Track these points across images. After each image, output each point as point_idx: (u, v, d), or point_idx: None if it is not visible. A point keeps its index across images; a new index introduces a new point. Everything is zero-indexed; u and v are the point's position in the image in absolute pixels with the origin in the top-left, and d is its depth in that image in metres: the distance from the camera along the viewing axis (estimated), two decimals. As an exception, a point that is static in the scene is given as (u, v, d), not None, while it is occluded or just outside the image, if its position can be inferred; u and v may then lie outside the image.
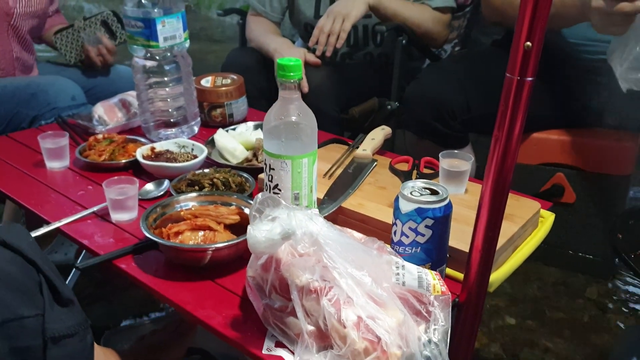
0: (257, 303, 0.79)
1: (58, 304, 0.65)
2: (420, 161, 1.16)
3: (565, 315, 1.60)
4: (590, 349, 1.46)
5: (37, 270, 0.64)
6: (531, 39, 0.67)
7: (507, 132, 0.73)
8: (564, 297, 1.67)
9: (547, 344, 1.49)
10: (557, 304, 1.64)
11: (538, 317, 1.59)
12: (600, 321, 1.57)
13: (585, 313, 1.60)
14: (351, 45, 1.89)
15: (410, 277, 0.76)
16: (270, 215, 0.72)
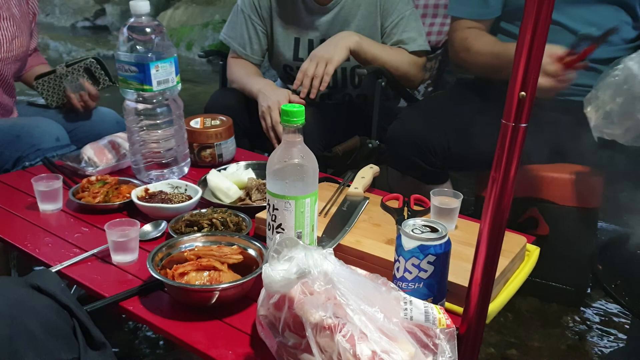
0: (269, 341, 0.82)
1: (91, 347, 0.67)
2: (410, 198, 1.22)
3: (543, 344, 1.66)
4: (571, 376, 1.53)
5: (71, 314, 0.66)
6: (525, 89, 0.74)
7: (503, 173, 0.78)
8: (541, 326, 1.74)
9: (529, 372, 1.55)
10: (535, 333, 1.70)
11: (517, 347, 1.64)
12: (578, 348, 1.64)
13: (562, 341, 1.67)
14: (331, 87, 1.96)
15: (417, 312, 0.80)
16: (287, 255, 0.75)
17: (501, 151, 0.78)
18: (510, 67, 0.74)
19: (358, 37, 1.74)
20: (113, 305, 0.94)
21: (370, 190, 1.31)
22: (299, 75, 1.73)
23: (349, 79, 1.94)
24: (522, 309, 1.81)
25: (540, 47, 0.72)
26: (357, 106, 1.97)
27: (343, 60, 1.72)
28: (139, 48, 1.32)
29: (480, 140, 1.51)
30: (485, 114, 1.57)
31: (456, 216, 1.12)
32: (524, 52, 0.71)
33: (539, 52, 0.72)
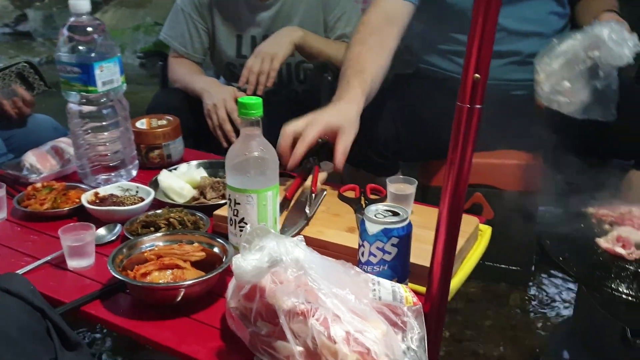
0: (242, 332, 0.82)
1: (67, 348, 0.65)
2: (366, 188, 1.24)
3: (495, 323, 1.73)
4: (523, 351, 1.60)
5: (44, 316, 0.64)
6: (479, 71, 0.77)
7: (460, 154, 0.82)
8: (491, 306, 1.81)
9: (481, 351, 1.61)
10: (485, 313, 1.77)
11: (470, 328, 1.71)
12: (528, 324, 1.72)
13: (512, 318, 1.75)
14: (276, 83, 1.96)
15: (385, 292, 0.82)
16: (258, 245, 0.76)
17: (457, 133, 0.81)
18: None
19: (302, 32, 1.75)
20: (74, 310, 0.91)
21: (327, 183, 1.33)
22: (244, 72, 1.73)
23: (294, 75, 1.95)
24: (473, 291, 1.88)
25: (491, 30, 0.75)
26: (304, 102, 1.98)
27: (288, 55, 1.73)
28: (81, 48, 1.28)
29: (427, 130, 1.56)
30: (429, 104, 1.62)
31: (412, 201, 1.15)
32: (476, 35, 0.75)
33: (490, 35, 0.75)
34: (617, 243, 1.11)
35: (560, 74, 1.43)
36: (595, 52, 1.41)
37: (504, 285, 1.90)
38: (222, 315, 0.90)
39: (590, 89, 1.44)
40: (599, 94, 1.47)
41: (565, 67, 1.43)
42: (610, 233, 1.14)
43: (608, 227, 1.18)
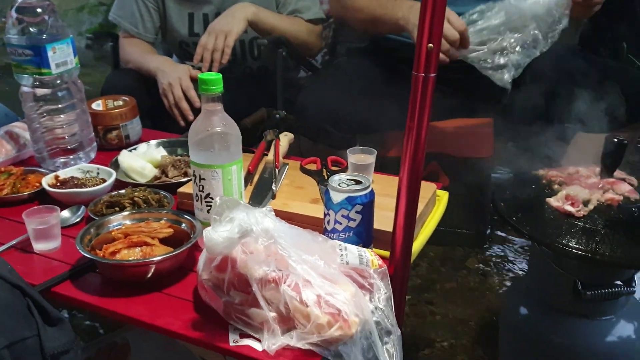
0: (215, 302, 0.84)
1: (48, 324, 0.66)
2: (327, 160, 1.27)
3: (454, 284, 1.80)
4: (481, 310, 1.68)
5: (23, 294, 0.65)
6: (432, 41, 0.81)
7: (417, 121, 0.85)
8: (450, 269, 1.88)
9: (443, 311, 1.68)
10: (445, 276, 1.85)
11: (432, 290, 1.78)
12: (485, 283, 1.80)
13: (471, 279, 1.82)
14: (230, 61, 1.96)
15: (352, 256, 0.86)
16: (228, 216, 0.78)
17: (414, 101, 0.85)
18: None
19: (255, 8, 1.75)
20: (45, 292, 0.92)
21: (288, 157, 1.35)
22: (198, 49, 1.72)
23: (248, 51, 1.95)
24: (432, 256, 1.95)
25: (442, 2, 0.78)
26: (259, 78, 1.98)
27: (242, 31, 1.73)
28: (32, 30, 1.26)
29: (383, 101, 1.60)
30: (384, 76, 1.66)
31: (372, 171, 1.19)
32: (429, 6, 0.78)
33: (442, 5, 0.78)
34: (566, 201, 1.17)
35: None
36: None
37: (462, 248, 1.98)
38: (194, 288, 0.92)
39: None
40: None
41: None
42: (559, 193, 1.20)
43: (557, 187, 1.24)
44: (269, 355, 0.78)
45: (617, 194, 1.18)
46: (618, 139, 1.20)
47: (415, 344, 1.55)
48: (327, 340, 0.77)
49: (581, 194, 1.18)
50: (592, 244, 1.09)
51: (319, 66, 2.10)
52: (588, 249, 1.09)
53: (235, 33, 1.71)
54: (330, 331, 0.77)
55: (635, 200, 1.18)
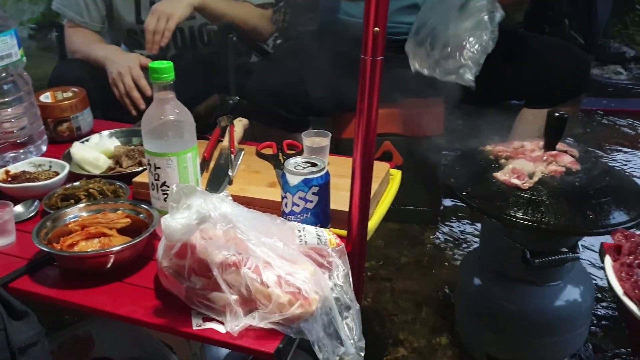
0: (177, 289, 0.85)
1: (13, 318, 0.66)
2: (282, 144, 1.29)
3: (410, 260, 1.86)
4: (438, 283, 1.74)
5: None
6: (378, 25, 0.83)
7: (367, 103, 0.88)
8: (406, 245, 1.94)
9: (401, 286, 1.73)
10: (402, 252, 1.90)
11: (389, 265, 1.83)
12: (439, 258, 1.87)
13: (426, 255, 1.88)
14: (179, 47, 1.94)
15: (310, 237, 0.89)
16: (186, 203, 0.79)
17: (363, 84, 0.87)
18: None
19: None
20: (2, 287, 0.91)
21: (243, 142, 1.36)
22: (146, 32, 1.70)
23: (198, 37, 1.94)
24: (389, 233, 2.00)
25: (387, -15, 0.81)
26: (210, 64, 1.97)
27: (185, 16, 1.71)
28: (-27, 22, 1.22)
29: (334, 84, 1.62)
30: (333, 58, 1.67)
31: (327, 153, 1.21)
32: (374, -9, 0.80)
33: (387, -11, 0.81)
34: (512, 175, 1.22)
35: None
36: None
37: (418, 225, 2.04)
38: (154, 276, 0.92)
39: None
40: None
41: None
42: (506, 167, 1.26)
43: (504, 162, 1.30)
44: (233, 336, 0.79)
45: (560, 166, 1.24)
46: (559, 113, 1.26)
47: (376, 319, 1.60)
48: (288, 319, 0.79)
49: (526, 167, 1.23)
50: (538, 214, 1.15)
51: (270, 50, 2.10)
52: (534, 219, 1.14)
53: (178, 17, 1.69)
54: (291, 309, 0.79)
55: (577, 170, 1.24)
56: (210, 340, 0.81)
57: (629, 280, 0.82)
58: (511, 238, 1.26)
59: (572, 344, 1.38)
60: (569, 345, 1.38)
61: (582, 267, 1.41)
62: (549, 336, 1.33)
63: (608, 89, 3.71)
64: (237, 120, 1.36)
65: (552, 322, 1.32)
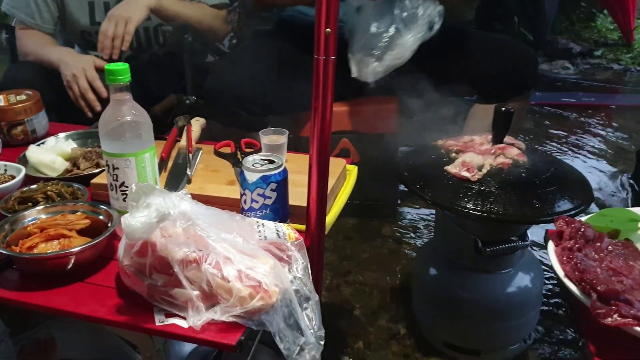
0: (138, 286, 0.87)
1: None
2: (240, 143, 1.31)
3: (370, 254, 1.90)
4: (396, 275, 1.79)
5: None
6: (329, 26, 0.86)
7: (322, 102, 0.91)
8: (366, 239, 1.98)
9: (361, 278, 1.78)
10: (361, 246, 1.94)
11: (349, 260, 1.87)
12: (397, 251, 1.92)
13: (385, 248, 1.93)
14: (135, 48, 1.93)
15: (269, 232, 0.91)
16: (145, 202, 0.80)
17: (317, 83, 0.90)
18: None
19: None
20: (-40, 293, 0.90)
21: (201, 142, 1.37)
22: (100, 37, 1.69)
23: (153, 38, 1.93)
24: (349, 227, 2.04)
25: (337, -12, 0.84)
26: (166, 65, 1.97)
27: (143, 19, 1.71)
28: None
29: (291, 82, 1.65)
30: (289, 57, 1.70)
31: (285, 150, 1.24)
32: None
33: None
34: (462, 168, 1.27)
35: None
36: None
37: (377, 219, 2.08)
38: (116, 275, 0.94)
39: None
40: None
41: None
42: (456, 160, 1.31)
43: (454, 155, 1.35)
44: (195, 330, 0.81)
45: (507, 158, 1.30)
46: (505, 108, 1.31)
47: (336, 312, 1.64)
48: (249, 311, 0.82)
49: (475, 160, 1.29)
50: (487, 204, 1.20)
51: (226, 50, 2.11)
52: (484, 210, 1.20)
53: (136, 20, 1.69)
54: (252, 302, 0.81)
55: (523, 162, 1.30)
56: (173, 335, 0.83)
57: (569, 263, 0.87)
58: (463, 228, 1.32)
59: (525, 327, 1.44)
60: (522, 329, 1.44)
61: (531, 254, 1.47)
62: (502, 321, 1.39)
63: (556, 84, 3.85)
64: (194, 120, 1.38)
65: (505, 308, 1.38)
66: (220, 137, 1.75)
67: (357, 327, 1.58)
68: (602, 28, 4.87)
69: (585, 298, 0.82)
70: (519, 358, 1.47)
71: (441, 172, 1.29)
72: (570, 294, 0.86)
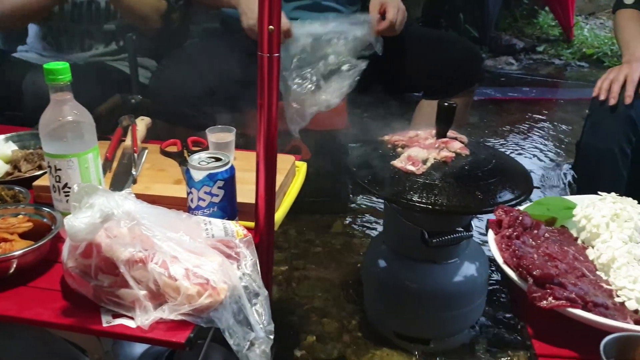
0: (84, 288, 0.86)
1: None
2: (187, 141, 1.30)
3: (323, 249, 1.92)
4: (348, 268, 1.81)
5: None
6: (272, 23, 0.87)
7: (267, 98, 0.92)
8: (318, 235, 2.00)
9: (313, 273, 1.79)
10: (314, 242, 1.96)
11: (302, 256, 1.88)
12: (350, 244, 1.94)
13: (337, 243, 1.95)
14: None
15: (217, 229, 0.92)
16: (88, 202, 0.80)
17: (262, 80, 0.91)
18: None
19: None
20: None
21: (147, 141, 1.36)
22: None
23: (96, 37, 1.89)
24: (301, 224, 2.05)
25: (278, -15, 0.85)
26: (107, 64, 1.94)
27: None
28: None
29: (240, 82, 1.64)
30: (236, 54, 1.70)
31: (233, 148, 1.24)
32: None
33: (278, -10, 0.85)
34: (407, 162, 1.30)
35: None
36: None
37: (329, 215, 2.11)
38: (60, 278, 0.92)
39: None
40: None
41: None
42: (402, 155, 1.34)
43: (400, 150, 1.38)
44: (143, 330, 0.81)
45: (450, 152, 1.34)
46: (448, 103, 1.35)
47: (289, 307, 1.65)
48: (198, 309, 0.82)
49: (420, 154, 1.32)
50: (432, 197, 1.23)
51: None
52: (428, 202, 1.23)
53: None
54: (200, 300, 0.82)
55: (466, 155, 1.34)
56: (121, 335, 0.83)
57: (507, 250, 0.91)
58: (410, 220, 1.35)
59: (471, 315, 1.49)
60: (469, 317, 1.49)
61: (476, 244, 1.52)
62: (450, 310, 1.43)
63: (501, 79, 3.97)
64: (139, 119, 1.36)
65: (453, 297, 1.42)
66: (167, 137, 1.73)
67: (309, 321, 1.60)
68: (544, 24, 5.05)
69: (523, 283, 0.86)
70: (467, 344, 1.51)
71: (388, 166, 1.32)
72: (509, 280, 0.89)
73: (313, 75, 1.63)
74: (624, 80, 1.62)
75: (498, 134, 3.01)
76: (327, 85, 1.65)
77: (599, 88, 1.67)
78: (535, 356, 0.82)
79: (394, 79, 1.97)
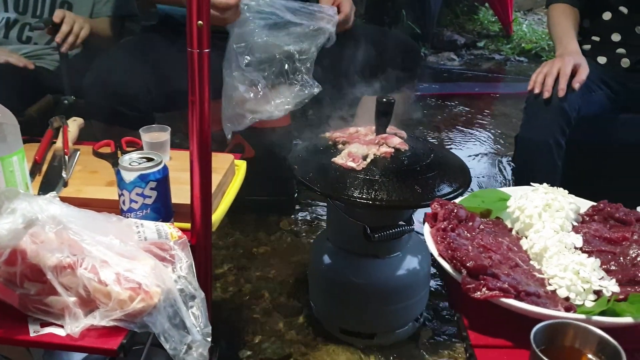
0: (9, 297, 0.82)
1: None
2: (121, 142, 1.26)
3: (270, 247, 1.91)
4: (294, 267, 1.81)
5: None
6: (201, 18, 0.85)
7: (199, 95, 0.90)
8: (265, 234, 1.99)
9: (259, 273, 1.78)
10: (260, 241, 1.95)
11: (247, 256, 1.86)
12: (297, 242, 1.94)
13: (283, 242, 1.94)
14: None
15: (150, 232, 0.89)
16: (9, 207, 0.76)
17: (193, 76, 0.89)
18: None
19: None
20: None
21: (80, 143, 1.31)
22: None
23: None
24: (247, 224, 2.03)
25: (207, -19, 0.83)
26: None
27: None
28: None
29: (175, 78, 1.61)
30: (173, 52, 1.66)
31: (168, 148, 1.21)
32: (194, -14, 0.82)
33: (206, -15, 0.83)
34: (348, 158, 1.31)
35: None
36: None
37: (276, 214, 2.09)
38: (-16, 288, 0.87)
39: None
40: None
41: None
42: (343, 151, 1.34)
43: (341, 147, 1.38)
44: (74, 338, 0.78)
45: (390, 147, 1.35)
46: (386, 98, 1.36)
47: (235, 307, 1.63)
48: (131, 314, 0.80)
49: (360, 150, 1.32)
50: (372, 192, 1.24)
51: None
52: (369, 197, 1.24)
53: None
54: (132, 305, 0.79)
55: (405, 150, 1.36)
56: (51, 344, 0.79)
57: (442, 243, 0.92)
58: (352, 216, 1.35)
59: (415, 308, 1.51)
60: (413, 309, 1.51)
61: (418, 238, 1.54)
62: (394, 304, 1.45)
63: (443, 75, 4.04)
64: (71, 120, 1.31)
65: (396, 290, 1.44)
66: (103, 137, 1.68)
67: (256, 320, 1.59)
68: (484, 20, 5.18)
69: (457, 274, 0.87)
70: (412, 337, 1.54)
71: (329, 163, 1.32)
72: (445, 272, 0.91)
73: (263, 80, 1.61)
74: (557, 73, 1.67)
75: (440, 129, 3.07)
76: (275, 95, 1.62)
77: (533, 82, 1.72)
78: (470, 347, 0.83)
79: (335, 75, 1.97)
